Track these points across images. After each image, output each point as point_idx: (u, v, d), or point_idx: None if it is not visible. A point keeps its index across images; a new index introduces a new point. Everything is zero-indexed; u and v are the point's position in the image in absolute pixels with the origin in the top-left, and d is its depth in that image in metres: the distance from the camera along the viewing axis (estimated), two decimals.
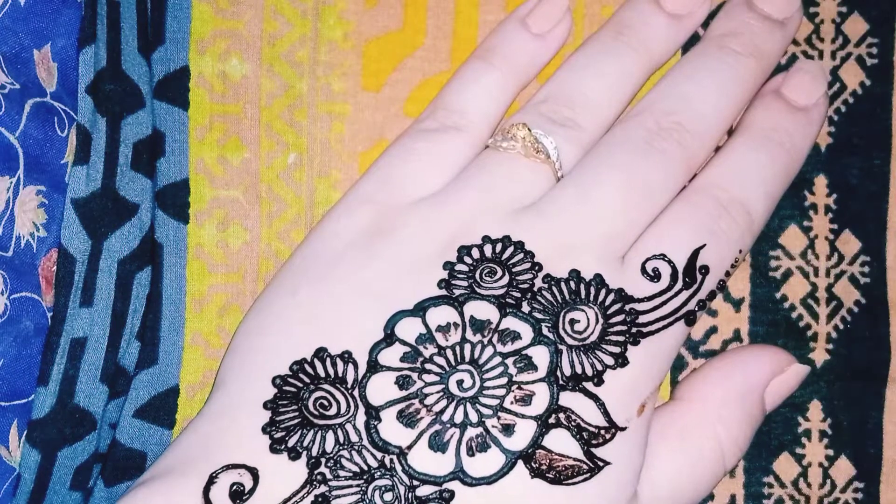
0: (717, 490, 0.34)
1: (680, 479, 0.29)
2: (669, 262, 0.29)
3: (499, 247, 0.29)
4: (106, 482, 0.32)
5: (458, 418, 0.27)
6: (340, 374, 0.28)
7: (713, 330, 0.34)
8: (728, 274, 0.30)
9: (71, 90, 0.30)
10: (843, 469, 0.34)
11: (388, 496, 0.26)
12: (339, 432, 0.27)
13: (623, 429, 0.28)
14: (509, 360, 0.28)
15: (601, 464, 0.27)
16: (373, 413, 0.27)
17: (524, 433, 0.27)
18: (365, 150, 0.33)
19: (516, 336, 0.28)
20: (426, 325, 0.28)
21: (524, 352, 0.28)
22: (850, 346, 0.33)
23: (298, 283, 0.29)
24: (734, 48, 0.31)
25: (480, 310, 0.28)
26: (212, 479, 0.26)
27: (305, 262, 0.30)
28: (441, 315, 0.28)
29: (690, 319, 0.29)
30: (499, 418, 0.27)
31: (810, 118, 0.32)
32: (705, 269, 0.29)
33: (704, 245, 0.29)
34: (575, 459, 0.27)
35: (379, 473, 0.27)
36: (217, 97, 0.33)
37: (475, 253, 0.29)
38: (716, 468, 0.30)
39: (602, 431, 0.28)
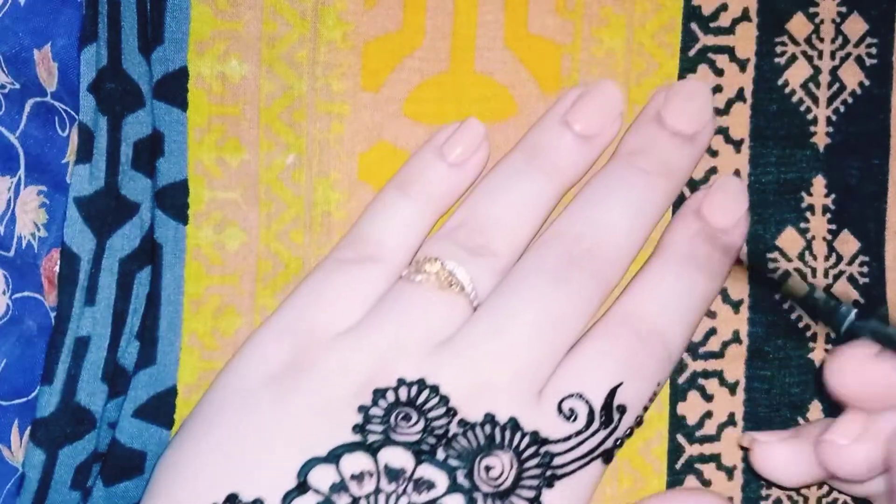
0: (715, 490, 0.33)
1: None
2: (586, 401, 0.29)
3: (414, 390, 0.29)
4: (105, 482, 0.32)
5: None
6: None
7: (712, 332, 0.34)
8: (646, 408, 0.30)
9: (71, 90, 0.30)
10: None
11: None
12: None
13: None
14: None
15: None
16: None
17: None
18: (364, 150, 0.33)
19: (431, 485, 0.27)
20: (340, 473, 0.27)
21: (439, 501, 0.27)
22: None
23: (211, 420, 0.29)
24: (643, 167, 0.31)
25: (395, 457, 0.28)
26: None
27: (221, 398, 0.29)
28: (355, 462, 0.27)
29: (607, 458, 0.29)
30: None
31: (731, 239, 0.32)
32: (623, 409, 0.29)
33: (622, 383, 0.29)
34: None
35: None
36: (216, 98, 0.33)
37: (390, 396, 0.28)
38: None
39: None
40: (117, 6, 0.31)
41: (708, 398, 0.34)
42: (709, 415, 0.34)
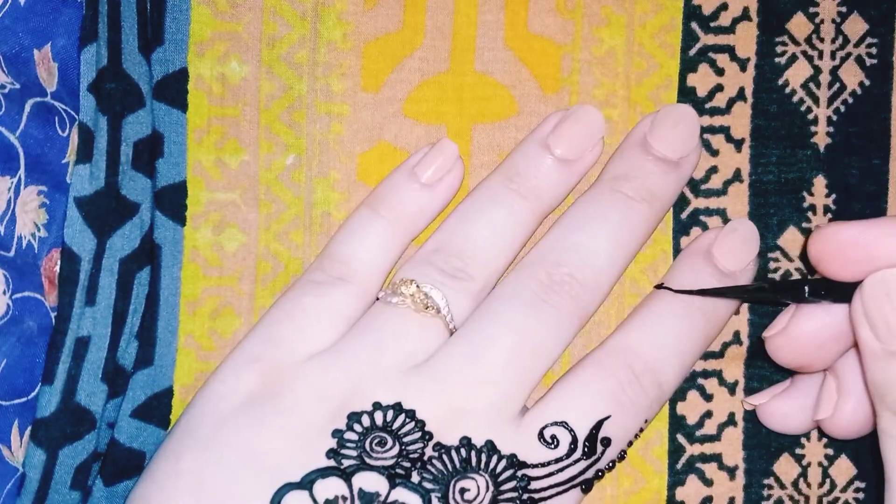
0: (715, 492, 0.33)
1: None
2: (570, 430, 0.29)
3: (389, 414, 0.28)
4: (105, 481, 0.32)
5: None
6: None
7: None
8: (630, 443, 0.30)
9: (71, 90, 0.30)
10: (844, 469, 0.34)
11: None
12: None
13: None
14: None
15: None
16: None
17: None
18: (364, 150, 0.33)
19: None
20: (313, 499, 0.27)
21: None
22: None
23: (182, 450, 0.28)
24: (627, 193, 0.31)
25: (369, 481, 0.28)
26: None
27: (190, 427, 0.29)
28: (329, 487, 0.27)
29: (586, 488, 0.29)
30: None
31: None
32: (607, 441, 0.29)
33: (609, 416, 0.29)
34: None
35: None
36: (216, 100, 0.33)
37: (365, 421, 0.28)
38: None
39: None
40: (117, 6, 0.31)
41: (708, 398, 0.34)
42: (709, 414, 0.33)
